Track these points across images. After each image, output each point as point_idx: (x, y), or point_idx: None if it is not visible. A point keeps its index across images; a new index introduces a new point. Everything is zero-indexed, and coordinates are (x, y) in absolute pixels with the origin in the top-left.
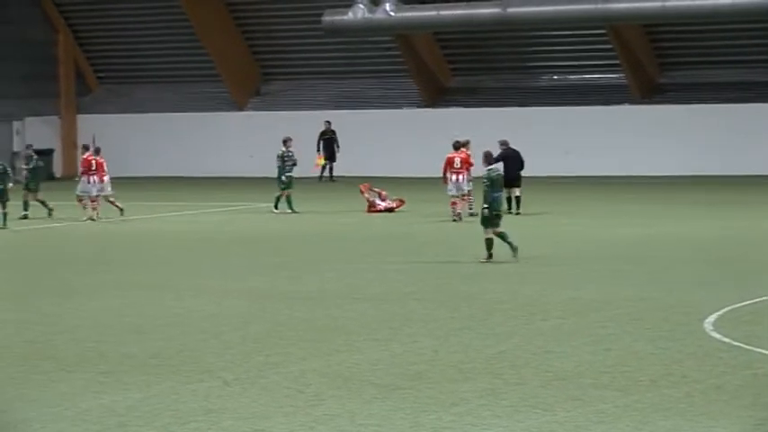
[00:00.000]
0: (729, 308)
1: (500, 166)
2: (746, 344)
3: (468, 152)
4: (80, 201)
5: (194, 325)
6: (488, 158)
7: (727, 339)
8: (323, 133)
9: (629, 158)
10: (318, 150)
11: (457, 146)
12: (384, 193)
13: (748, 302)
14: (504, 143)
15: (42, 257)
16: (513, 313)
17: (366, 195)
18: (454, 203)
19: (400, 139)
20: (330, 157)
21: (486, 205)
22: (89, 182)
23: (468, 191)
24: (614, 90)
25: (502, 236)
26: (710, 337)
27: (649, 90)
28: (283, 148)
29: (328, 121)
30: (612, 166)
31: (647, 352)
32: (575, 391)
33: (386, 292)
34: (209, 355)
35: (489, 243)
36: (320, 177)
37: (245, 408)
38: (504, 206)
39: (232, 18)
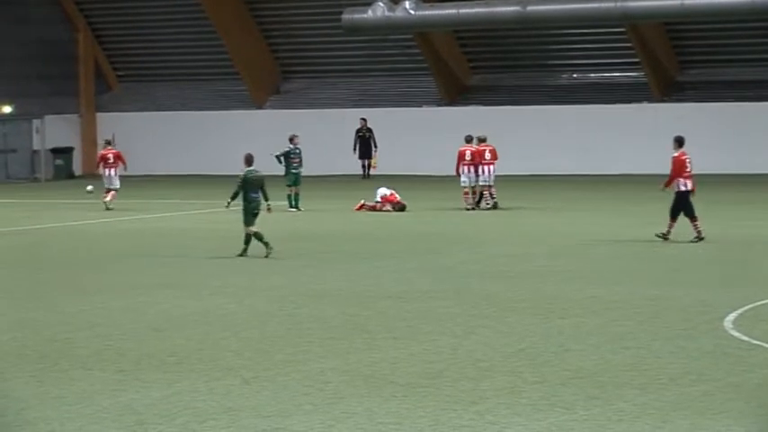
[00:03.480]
0: (749, 306)
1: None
2: (766, 342)
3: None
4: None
5: (213, 323)
6: (248, 160)
7: (746, 338)
8: (358, 131)
9: (649, 156)
10: (354, 150)
11: (469, 139)
12: (378, 203)
13: None
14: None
15: (60, 256)
16: (532, 311)
17: (372, 203)
18: (466, 194)
19: (420, 137)
20: (365, 154)
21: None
22: (107, 174)
23: (490, 185)
24: (634, 88)
25: (257, 236)
26: (730, 335)
27: (669, 88)
28: (291, 146)
29: (364, 119)
30: (632, 165)
31: (666, 350)
32: (594, 389)
33: (404, 291)
34: (229, 353)
35: (247, 238)
36: (363, 176)
37: (264, 406)
38: (262, 205)
39: (252, 16)
